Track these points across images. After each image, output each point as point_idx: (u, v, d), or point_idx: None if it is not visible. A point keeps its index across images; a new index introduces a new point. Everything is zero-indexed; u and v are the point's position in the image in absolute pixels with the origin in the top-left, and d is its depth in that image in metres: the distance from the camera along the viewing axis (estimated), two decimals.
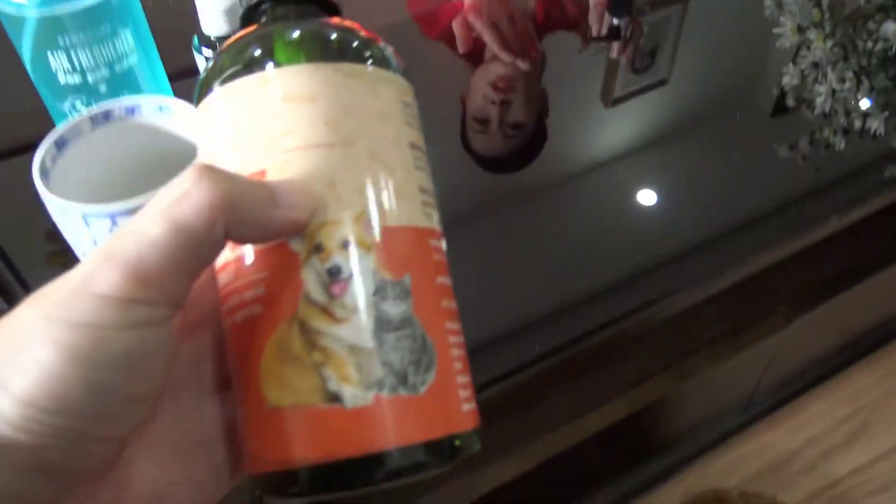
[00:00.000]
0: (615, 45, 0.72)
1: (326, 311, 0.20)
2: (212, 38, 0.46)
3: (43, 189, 0.34)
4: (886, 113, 0.67)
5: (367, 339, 0.19)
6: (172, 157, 0.37)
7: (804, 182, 0.62)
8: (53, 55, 0.41)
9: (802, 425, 0.85)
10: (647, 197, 0.58)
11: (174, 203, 0.18)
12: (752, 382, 0.74)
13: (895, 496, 0.80)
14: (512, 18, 0.74)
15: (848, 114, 0.67)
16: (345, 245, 0.20)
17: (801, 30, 0.70)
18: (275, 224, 0.19)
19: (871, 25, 0.70)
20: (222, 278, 0.22)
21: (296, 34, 0.22)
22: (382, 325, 0.20)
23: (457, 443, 0.20)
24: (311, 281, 0.20)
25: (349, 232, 0.20)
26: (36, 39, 0.41)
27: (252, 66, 0.21)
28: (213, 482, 0.22)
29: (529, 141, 0.62)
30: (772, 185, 0.61)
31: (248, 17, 0.24)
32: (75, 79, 0.42)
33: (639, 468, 0.76)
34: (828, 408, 0.86)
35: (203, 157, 0.22)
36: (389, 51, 0.23)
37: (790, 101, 0.66)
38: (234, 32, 0.23)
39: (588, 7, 0.76)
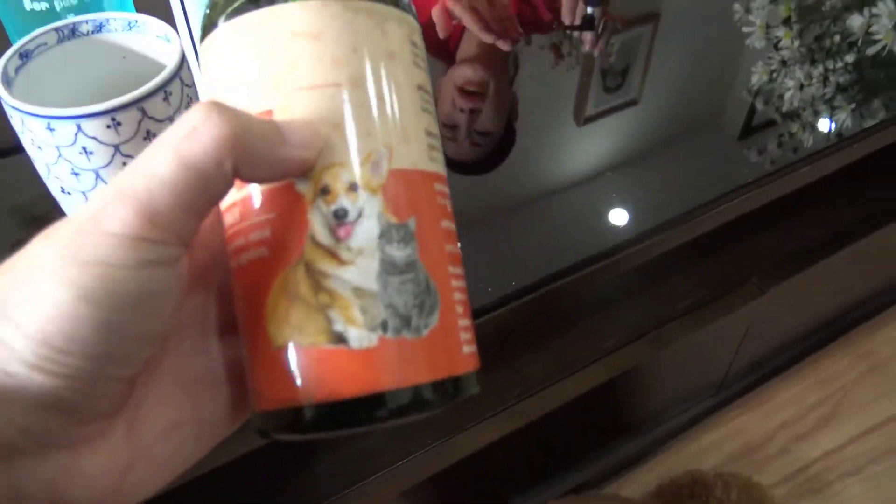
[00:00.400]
0: (588, 37, 0.73)
1: (332, 254, 0.20)
2: None
3: (6, 95, 0.32)
4: (853, 105, 0.69)
5: (371, 282, 0.20)
6: (141, 76, 0.36)
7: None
8: None
9: (775, 410, 0.85)
10: (619, 215, 0.58)
11: (183, 140, 0.18)
12: (727, 359, 0.74)
13: (866, 478, 0.80)
14: (490, 2, 0.74)
15: (815, 110, 0.68)
16: (351, 187, 0.20)
17: (769, 28, 0.73)
18: (283, 162, 0.19)
19: (835, 27, 0.73)
20: (228, 219, 0.22)
21: None
22: (387, 267, 0.20)
23: (458, 383, 0.21)
24: (317, 223, 0.20)
25: (355, 174, 0.20)
26: None
27: (259, 1, 0.21)
28: (219, 421, 0.23)
29: (497, 147, 0.62)
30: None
31: None
32: (41, 6, 0.41)
33: (615, 448, 0.76)
34: (799, 392, 0.87)
35: (209, 95, 0.22)
36: None
37: (759, 104, 0.65)
38: None
39: (561, 9, 0.77)
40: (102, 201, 0.18)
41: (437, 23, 0.70)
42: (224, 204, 0.21)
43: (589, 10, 0.76)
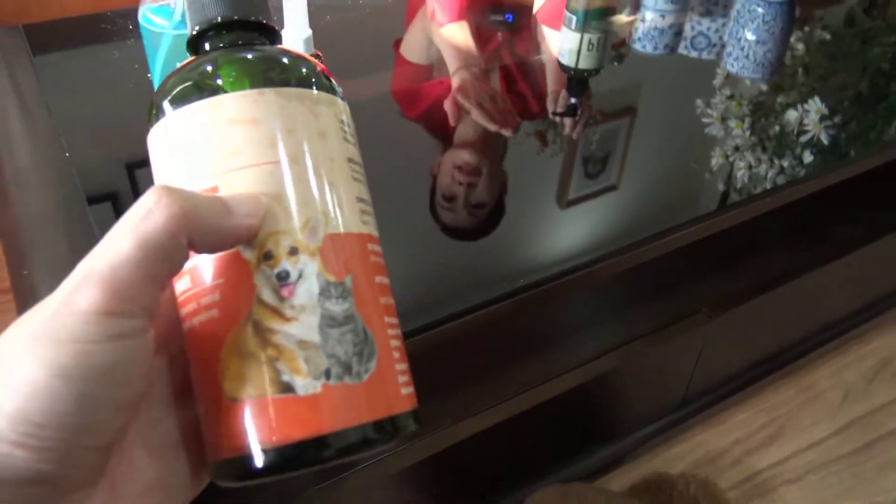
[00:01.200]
0: (567, 122, 0.81)
1: (277, 312, 0.22)
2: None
3: None
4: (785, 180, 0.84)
5: (314, 335, 0.21)
6: None
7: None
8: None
9: (729, 429, 1.01)
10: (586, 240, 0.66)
11: (140, 221, 0.20)
12: (685, 381, 0.91)
13: (804, 485, 0.95)
14: (493, 98, 0.84)
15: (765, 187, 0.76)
16: (292, 252, 0.22)
17: (724, 120, 0.85)
18: (231, 231, 0.21)
19: (776, 120, 0.90)
20: (179, 286, 0.23)
21: (240, 62, 0.24)
22: (327, 321, 0.22)
23: (397, 422, 0.23)
24: (262, 285, 0.22)
25: (295, 240, 0.22)
26: (168, 53, 0.54)
27: (202, 91, 0.23)
28: (185, 484, 0.24)
29: (490, 217, 0.68)
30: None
31: (195, 44, 0.26)
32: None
33: (590, 455, 0.91)
34: (750, 416, 1.03)
35: (160, 178, 0.24)
36: (328, 76, 0.25)
37: (720, 183, 0.75)
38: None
39: (546, 99, 0.86)
40: (72, 285, 0.19)
41: (448, 112, 0.80)
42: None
43: (573, 99, 0.88)
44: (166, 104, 0.23)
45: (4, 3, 1.14)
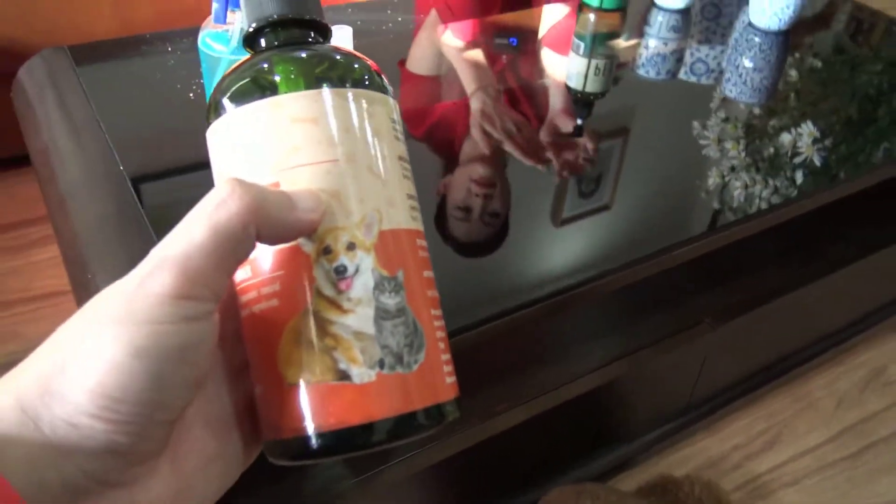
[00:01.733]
0: (562, 157, 0.82)
1: (335, 304, 0.23)
2: None
3: None
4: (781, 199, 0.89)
5: (369, 326, 0.23)
6: None
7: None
8: None
9: (729, 436, 1.06)
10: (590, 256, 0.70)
11: (213, 211, 0.21)
12: (690, 384, 0.95)
13: (802, 488, 1.00)
14: (518, 126, 0.87)
15: (759, 207, 0.80)
16: (349, 247, 0.23)
17: (720, 141, 0.89)
18: (295, 224, 0.22)
19: (771, 142, 0.96)
20: (239, 275, 0.24)
21: (297, 62, 0.24)
22: (381, 314, 0.23)
23: (443, 409, 0.24)
24: (321, 278, 0.23)
25: (352, 236, 0.23)
26: None
27: (263, 90, 0.24)
28: (238, 457, 0.25)
29: (500, 229, 0.72)
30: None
31: (251, 40, 0.26)
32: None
33: (598, 457, 0.95)
34: (749, 423, 1.08)
35: (221, 172, 0.25)
36: (379, 74, 0.26)
37: (715, 202, 0.78)
38: None
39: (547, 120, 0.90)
40: (147, 269, 0.20)
41: (480, 142, 0.83)
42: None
43: (579, 120, 0.92)
44: (227, 101, 0.24)
45: (35, 21, 1.19)
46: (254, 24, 0.26)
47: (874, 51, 1.16)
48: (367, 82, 0.25)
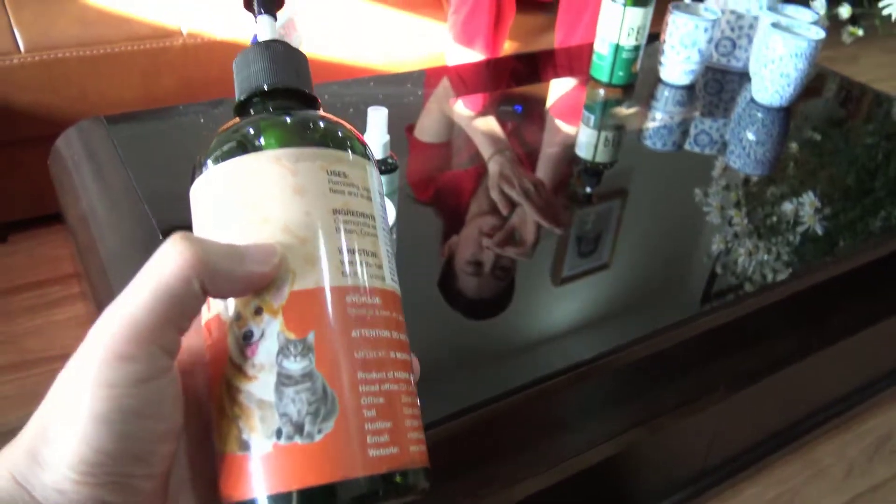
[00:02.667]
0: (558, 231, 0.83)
1: (242, 371, 0.22)
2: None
3: None
4: (789, 270, 0.93)
5: (270, 394, 0.22)
6: None
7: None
8: None
9: (743, 502, 1.06)
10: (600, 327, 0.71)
11: (155, 267, 0.21)
12: (702, 452, 0.96)
13: None
14: (536, 188, 0.90)
15: (763, 273, 0.84)
16: (257, 311, 0.22)
17: (723, 208, 0.90)
18: (243, 278, 0.22)
19: (773, 210, 1.00)
20: (204, 335, 0.24)
21: (229, 133, 0.25)
22: (283, 380, 0.22)
23: (353, 485, 0.21)
24: (232, 345, 0.22)
25: (259, 300, 0.22)
26: None
27: (199, 165, 0.25)
28: None
29: (510, 285, 0.73)
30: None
31: (239, 112, 0.27)
32: None
33: None
34: (760, 490, 1.08)
35: (195, 229, 0.25)
36: (323, 125, 0.25)
37: (718, 268, 0.81)
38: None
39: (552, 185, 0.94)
40: (97, 333, 0.21)
41: (499, 203, 0.86)
42: (202, 322, 0.24)
43: (588, 188, 0.95)
44: (208, 160, 0.25)
45: (65, 89, 1.24)
46: (242, 96, 0.26)
47: (865, 123, 1.21)
48: (297, 141, 0.24)
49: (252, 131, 0.24)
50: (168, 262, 0.21)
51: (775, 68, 1.07)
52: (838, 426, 1.16)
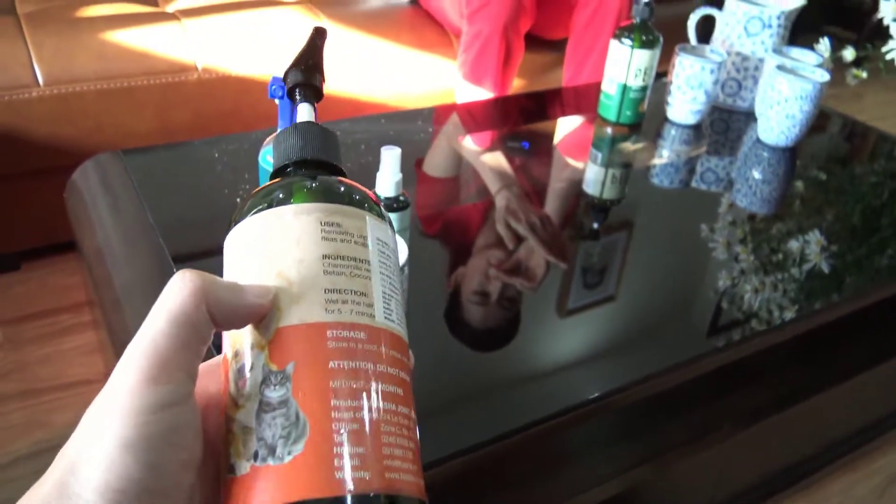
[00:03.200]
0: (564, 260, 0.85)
1: (235, 401, 0.24)
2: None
3: None
4: (797, 306, 0.92)
5: (252, 420, 0.24)
6: None
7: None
8: None
9: None
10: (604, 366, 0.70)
11: (168, 298, 0.23)
12: (708, 491, 0.96)
13: None
14: (542, 221, 0.91)
15: (769, 309, 0.85)
16: (250, 348, 0.25)
17: (729, 244, 0.91)
18: (244, 308, 0.24)
19: (779, 247, 1.01)
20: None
21: (267, 188, 0.28)
22: (264, 407, 0.24)
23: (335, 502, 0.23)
24: (231, 379, 0.25)
25: (253, 337, 0.25)
26: None
27: (253, 208, 0.27)
28: None
29: (515, 316, 0.75)
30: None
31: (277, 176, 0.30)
32: None
33: None
34: None
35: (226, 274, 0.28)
36: (326, 184, 0.28)
37: (724, 303, 0.81)
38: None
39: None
40: (124, 363, 0.22)
41: (504, 236, 0.87)
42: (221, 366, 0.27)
43: (595, 224, 0.97)
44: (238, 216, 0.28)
45: (80, 121, 1.27)
46: (279, 163, 0.30)
47: (870, 162, 1.22)
48: (296, 198, 0.27)
49: (266, 195, 0.27)
50: (179, 290, 0.23)
51: (781, 110, 1.09)
52: (846, 465, 1.15)
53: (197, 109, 1.35)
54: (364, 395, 0.24)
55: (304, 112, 0.31)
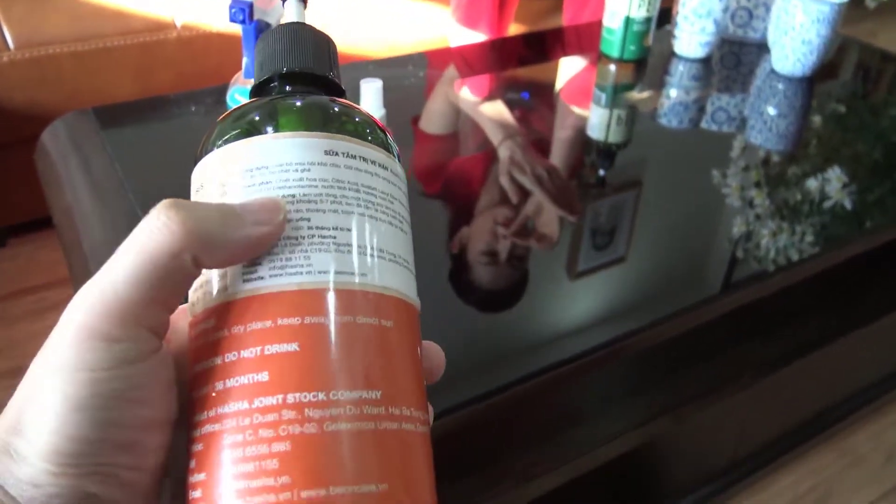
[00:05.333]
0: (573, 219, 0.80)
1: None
2: None
3: None
4: (817, 248, 0.88)
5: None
6: None
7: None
8: None
9: (776, 495, 1.01)
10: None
11: (141, 238, 0.19)
12: (731, 442, 0.91)
13: None
14: (549, 173, 0.86)
15: (787, 255, 0.80)
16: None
17: (743, 189, 0.87)
18: (243, 242, 0.20)
19: (797, 188, 0.95)
20: None
21: (240, 114, 0.23)
22: None
23: None
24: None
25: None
26: None
27: (205, 147, 0.23)
28: None
29: (524, 276, 0.70)
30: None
31: (257, 94, 0.26)
32: None
33: None
34: (795, 481, 1.02)
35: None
36: (317, 114, 0.23)
37: (740, 252, 0.77)
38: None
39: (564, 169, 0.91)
40: (77, 310, 0.19)
41: (508, 190, 0.82)
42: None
43: (601, 171, 0.92)
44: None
45: (58, 85, 1.21)
46: (261, 78, 0.25)
47: (891, 93, 1.15)
48: (297, 126, 0.23)
49: (261, 115, 0.23)
50: (154, 234, 0.19)
51: (796, 35, 1.01)
52: (874, 411, 1.10)
53: (179, 70, 1.29)
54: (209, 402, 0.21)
55: (293, 10, 0.25)
